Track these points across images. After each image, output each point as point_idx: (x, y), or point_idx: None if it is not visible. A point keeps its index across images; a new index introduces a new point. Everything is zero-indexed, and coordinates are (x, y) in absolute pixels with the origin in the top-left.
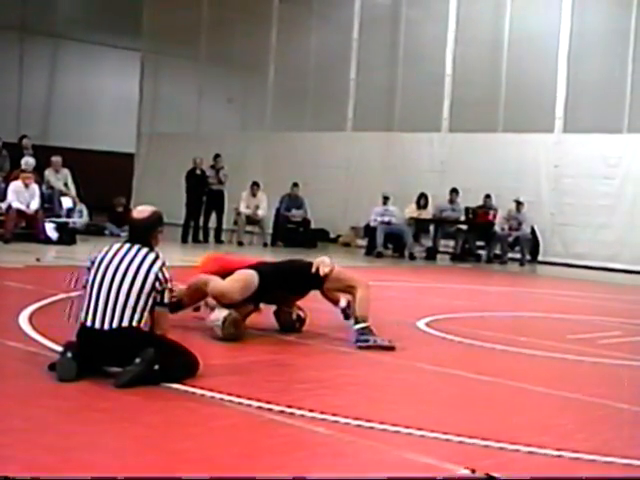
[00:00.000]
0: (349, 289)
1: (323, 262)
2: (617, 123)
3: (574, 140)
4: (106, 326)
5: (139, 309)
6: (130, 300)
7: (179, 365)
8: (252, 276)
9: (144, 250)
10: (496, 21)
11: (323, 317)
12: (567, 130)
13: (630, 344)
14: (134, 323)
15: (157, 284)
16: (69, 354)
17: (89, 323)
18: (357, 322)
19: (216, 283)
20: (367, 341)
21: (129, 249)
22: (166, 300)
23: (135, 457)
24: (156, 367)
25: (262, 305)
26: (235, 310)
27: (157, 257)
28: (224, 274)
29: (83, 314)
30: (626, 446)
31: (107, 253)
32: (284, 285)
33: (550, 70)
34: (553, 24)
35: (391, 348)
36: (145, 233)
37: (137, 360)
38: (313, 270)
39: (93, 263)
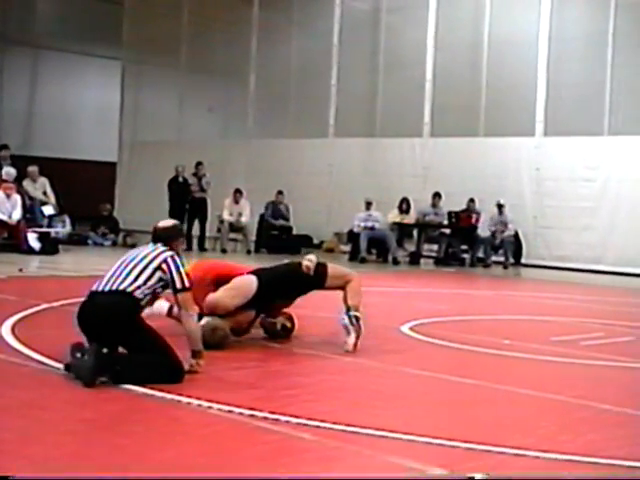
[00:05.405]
0: (346, 284)
1: (310, 260)
2: (597, 126)
3: (555, 143)
4: (104, 288)
5: (139, 282)
6: (133, 272)
7: (162, 364)
8: (249, 282)
9: (159, 245)
10: (476, 26)
11: (307, 323)
12: (548, 133)
13: (613, 345)
14: (129, 289)
15: (164, 265)
16: (78, 354)
17: (93, 288)
18: (349, 310)
19: (210, 296)
20: (350, 325)
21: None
22: (178, 285)
23: (119, 467)
24: (117, 368)
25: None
26: (235, 319)
27: (170, 249)
28: (222, 281)
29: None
30: (609, 447)
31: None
32: (284, 289)
33: (530, 74)
34: (532, 28)
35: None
36: (165, 241)
37: (85, 356)
38: (304, 270)
39: None
